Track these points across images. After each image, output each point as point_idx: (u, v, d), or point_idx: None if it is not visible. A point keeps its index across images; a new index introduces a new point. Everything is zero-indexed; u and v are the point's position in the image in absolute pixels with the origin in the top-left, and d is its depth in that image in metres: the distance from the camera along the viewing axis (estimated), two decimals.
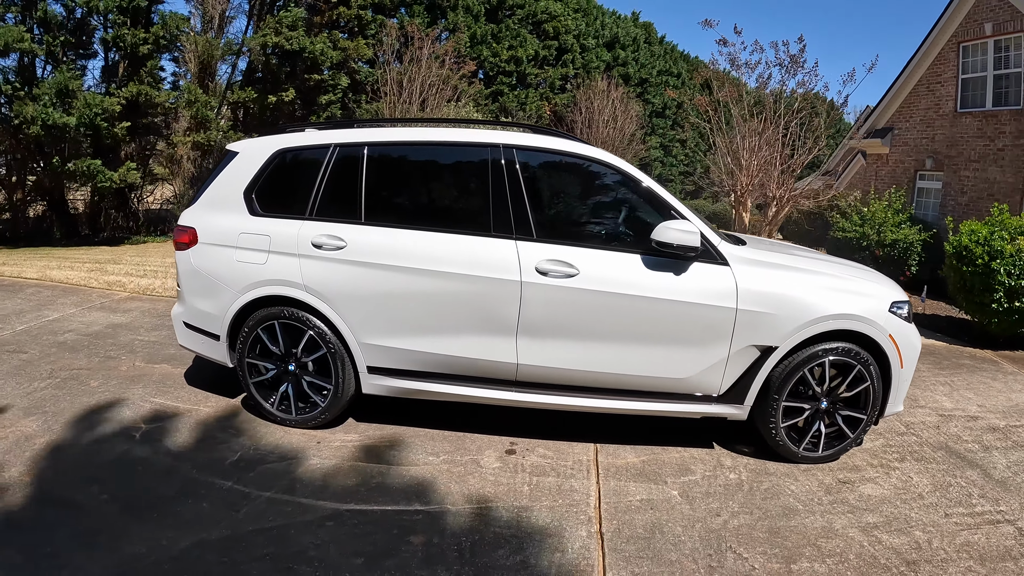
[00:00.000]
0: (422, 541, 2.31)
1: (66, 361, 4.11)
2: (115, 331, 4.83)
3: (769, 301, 2.83)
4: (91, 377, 3.84)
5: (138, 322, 5.13)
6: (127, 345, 4.50)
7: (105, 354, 4.28)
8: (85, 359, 4.16)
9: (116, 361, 4.17)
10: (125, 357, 4.25)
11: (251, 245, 3.15)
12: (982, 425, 4.05)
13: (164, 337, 4.70)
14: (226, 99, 12.07)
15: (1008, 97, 8.12)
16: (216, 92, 12.05)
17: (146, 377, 3.89)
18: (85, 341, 4.54)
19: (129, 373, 3.96)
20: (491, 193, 2.98)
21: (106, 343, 4.52)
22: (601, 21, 23.87)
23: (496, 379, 3.04)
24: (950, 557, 2.40)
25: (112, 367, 4.05)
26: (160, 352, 4.38)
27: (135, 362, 4.16)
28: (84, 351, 4.32)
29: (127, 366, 4.08)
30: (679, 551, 2.24)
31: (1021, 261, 5.79)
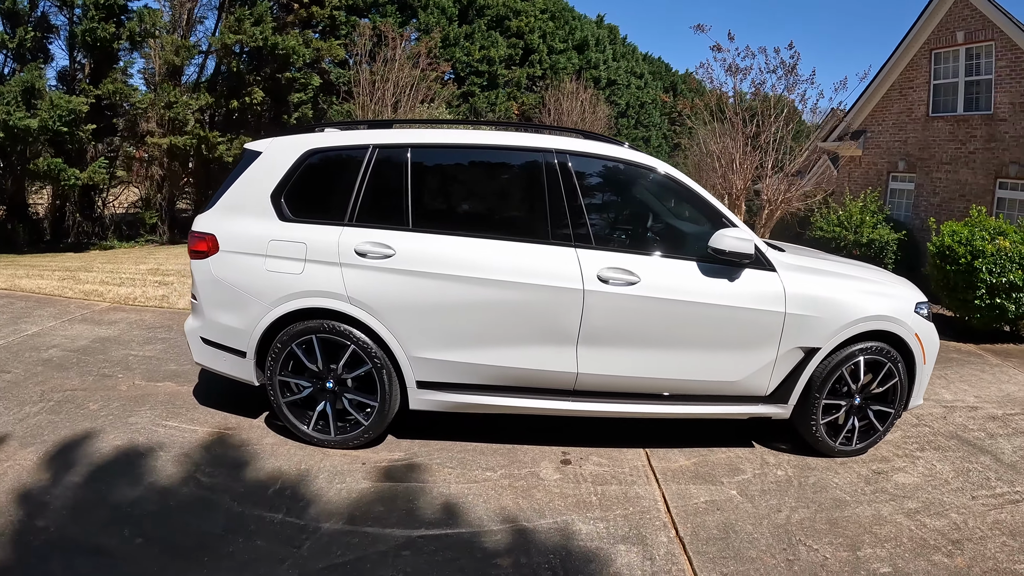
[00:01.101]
0: (511, 562, 2.31)
1: (56, 381, 3.89)
2: (104, 346, 4.66)
3: (814, 305, 3.14)
4: (88, 399, 3.63)
5: (127, 335, 4.99)
6: (121, 361, 4.32)
7: (99, 372, 4.10)
8: (77, 378, 3.96)
9: (113, 380, 3.97)
10: (122, 375, 4.07)
11: (284, 253, 3.03)
12: (982, 415, 4.50)
13: (160, 352, 4.58)
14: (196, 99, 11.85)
15: (979, 102, 8.87)
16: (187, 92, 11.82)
17: (151, 397, 3.71)
18: (73, 358, 4.36)
19: (131, 393, 3.77)
20: (548, 199, 3.01)
21: (97, 360, 4.34)
22: (570, 25, 24.52)
23: (552, 389, 3.08)
24: (986, 535, 2.75)
25: (110, 387, 3.85)
26: (160, 369, 4.22)
27: (134, 380, 3.99)
28: (74, 369, 4.13)
29: (126, 385, 3.90)
30: (756, 548, 2.49)
31: (1001, 260, 6.38)
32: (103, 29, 9.32)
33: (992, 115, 8.50)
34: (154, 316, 5.75)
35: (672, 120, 30.70)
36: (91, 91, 9.34)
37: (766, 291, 3.08)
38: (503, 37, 20.92)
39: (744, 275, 3.06)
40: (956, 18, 8.92)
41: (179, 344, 4.70)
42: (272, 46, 11.27)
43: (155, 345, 4.75)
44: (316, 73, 13.52)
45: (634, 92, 27.17)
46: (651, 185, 3.33)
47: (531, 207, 3.14)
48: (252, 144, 3.39)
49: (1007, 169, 8.36)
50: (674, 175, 3.19)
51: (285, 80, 12.38)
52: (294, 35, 12.09)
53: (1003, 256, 6.36)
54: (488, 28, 20.21)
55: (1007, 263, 6.34)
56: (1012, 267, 6.31)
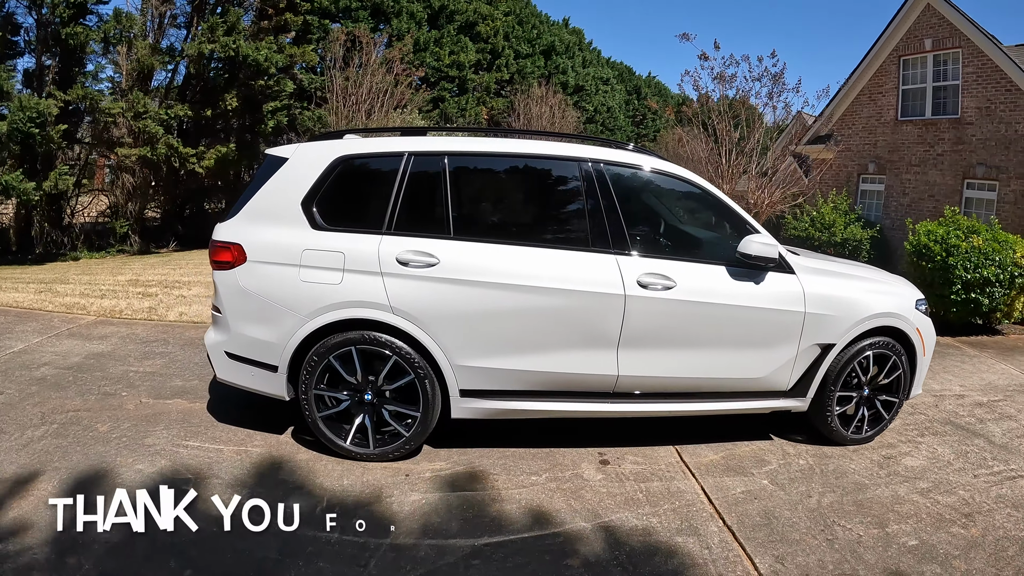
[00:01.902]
0: (580, 562, 2.43)
1: (56, 401, 3.76)
2: (100, 362, 4.56)
3: (829, 304, 3.47)
4: (96, 420, 3.51)
5: (122, 350, 4.91)
6: (122, 378, 4.22)
7: (100, 390, 3.99)
8: (78, 398, 3.84)
9: (117, 398, 3.87)
10: (127, 393, 3.97)
11: (320, 263, 3.02)
12: (969, 402, 4.95)
13: (162, 367, 4.52)
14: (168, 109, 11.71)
15: (946, 107, 9.58)
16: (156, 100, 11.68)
17: (163, 416, 3.61)
18: (69, 375, 4.24)
19: (140, 412, 3.66)
20: (587, 208, 3.17)
21: (95, 377, 4.23)
22: (537, 29, 25.04)
23: (593, 392, 3.25)
24: (992, 508, 3.11)
25: (116, 406, 3.74)
26: (165, 385, 4.14)
27: (140, 398, 3.90)
28: (73, 388, 4.01)
29: (133, 404, 3.80)
30: (797, 531, 2.77)
31: (976, 257, 6.96)
32: (73, 30, 9.15)
33: (959, 119, 9.20)
34: (146, 330, 5.73)
35: (637, 123, 31.62)
36: (59, 96, 9.15)
37: (788, 292, 3.39)
38: (472, 42, 21.26)
39: (768, 278, 3.36)
40: (924, 26, 9.63)
41: (180, 359, 4.69)
42: (245, 56, 11.23)
43: (154, 360, 4.70)
44: (289, 79, 13.52)
45: (601, 97, 27.92)
46: (680, 193, 3.60)
47: (570, 215, 3.30)
48: (275, 150, 3.39)
49: (974, 170, 9.05)
50: (703, 184, 3.46)
51: (259, 87, 12.34)
52: (268, 42, 12.08)
53: (977, 253, 6.93)
54: (457, 33, 20.52)
55: (981, 260, 6.91)
56: (986, 263, 6.89)
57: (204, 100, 12.08)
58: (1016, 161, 8.28)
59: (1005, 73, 8.35)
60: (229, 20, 11.55)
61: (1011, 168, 8.36)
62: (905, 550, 2.67)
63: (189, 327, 5.90)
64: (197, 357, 4.71)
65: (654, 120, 31.62)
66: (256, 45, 11.58)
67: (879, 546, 2.68)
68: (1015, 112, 8.25)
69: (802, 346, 3.47)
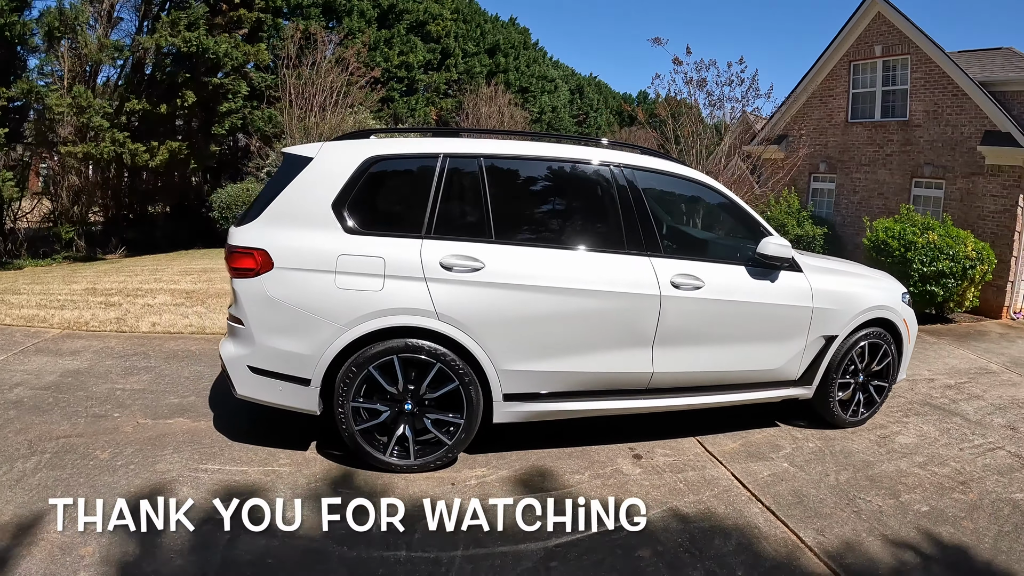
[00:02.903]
0: (650, 552, 2.61)
1: (41, 427, 3.51)
2: (79, 380, 4.33)
3: (833, 299, 3.89)
4: (92, 446, 3.28)
5: (101, 367, 4.70)
6: (109, 398, 4.02)
7: (88, 412, 3.76)
8: (66, 422, 3.61)
9: (109, 420, 3.65)
10: (119, 414, 3.76)
11: (358, 269, 2.98)
12: (939, 385, 5.58)
13: (150, 383, 4.34)
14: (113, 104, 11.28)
15: (895, 110, 10.51)
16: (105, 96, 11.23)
17: (168, 438, 3.44)
18: (48, 396, 4.01)
19: (140, 435, 3.47)
20: (621, 211, 3.33)
21: (78, 397, 4.00)
22: (482, 28, 25.47)
23: (629, 389, 3.46)
24: (982, 475, 3.61)
25: (111, 429, 3.53)
26: (160, 403, 3.97)
27: (137, 419, 3.70)
28: (56, 410, 3.76)
29: (130, 426, 3.60)
30: (827, 506, 3.13)
31: (931, 251, 7.74)
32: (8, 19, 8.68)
33: (908, 121, 10.12)
34: (120, 343, 5.56)
35: (580, 123, 32.55)
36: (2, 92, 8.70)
37: (799, 289, 3.79)
38: (422, 42, 21.42)
39: (781, 276, 3.74)
40: (875, 33, 10.53)
41: (168, 373, 4.58)
42: (203, 49, 10.98)
43: (140, 376, 4.50)
44: (242, 78, 13.28)
45: (546, 97, 28.64)
46: (703, 198, 3.93)
47: (605, 218, 3.43)
48: (296, 149, 3.34)
49: (922, 170, 9.98)
50: (721, 189, 3.81)
51: (214, 85, 12.05)
52: (224, 38, 11.85)
53: (932, 248, 7.72)
54: (407, 32, 20.62)
55: (936, 254, 7.70)
56: (940, 257, 7.68)
57: (160, 97, 11.71)
58: (962, 161, 9.23)
59: (952, 79, 9.28)
60: (194, 15, 11.27)
61: (957, 168, 9.30)
62: (920, 515, 3.10)
63: (166, 338, 5.79)
64: (186, 371, 4.66)
65: (596, 119, 32.70)
66: (216, 40, 11.34)
67: (898, 513, 3.10)
68: (961, 115, 9.20)
69: (810, 338, 3.88)
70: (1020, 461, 3.86)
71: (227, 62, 11.83)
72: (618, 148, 3.68)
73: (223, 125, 12.75)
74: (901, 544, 2.83)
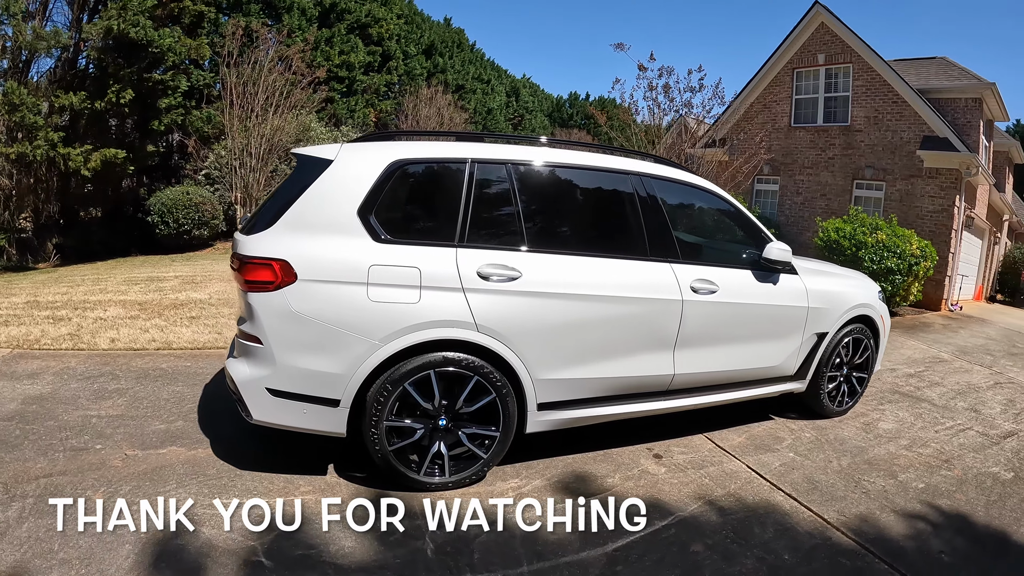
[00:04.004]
0: (703, 546, 2.80)
1: (14, 466, 3.17)
2: (46, 408, 4.01)
3: (825, 298, 4.33)
4: (80, 485, 3.00)
5: (66, 391, 4.39)
6: (85, 427, 3.73)
7: (65, 445, 3.46)
8: (42, 458, 3.28)
9: (92, 454, 3.36)
10: (101, 445, 3.49)
11: (392, 280, 2.92)
12: (902, 374, 6.23)
13: (127, 408, 4.07)
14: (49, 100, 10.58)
15: (836, 115, 11.49)
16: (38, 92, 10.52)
17: (165, 471, 3.20)
18: (14, 429, 3.68)
19: (132, 469, 3.20)
20: (643, 219, 3.52)
21: (48, 428, 3.69)
22: (422, 29, 25.70)
23: (652, 392, 3.64)
24: (960, 454, 4.14)
25: (97, 464, 3.24)
26: (145, 430, 3.72)
27: (124, 450, 3.44)
28: (28, 445, 3.44)
29: (118, 459, 3.33)
30: (838, 489, 3.50)
31: (879, 250, 8.56)
32: None
33: (850, 126, 11.10)
34: (81, 362, 5.25)
35: (515, 125, 33.28)
36: None
37: (796, 290, 4.20)
38: (363, 43, 21.32)
39: (781, 279, 4.13)
40: (818, 42, 11.48)
41: (144, 396, 4.35)
42: (150, 42, 10.48)
43: (113, 400, 4.23)
44: (182, 73, 12.79)
45: (480, 98, 29.13)
46: (710, 205, 4.23)
47: (629, 225, 3.57)
48: (311, 151, 3.23)
49: (863, 172, 10.97)
50: (727, 197, 4.14)
51: (153, 81, 11.53)
52: (167, 31, 11.39)
53: (881, 247, 8.54)
54: (348, 33, 20.47)
55: (884, 252, 8.52)
56: (888, 255, 8.51)
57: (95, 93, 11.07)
58: (901, 164, 10.22)
59: (892, 87, 10.28)
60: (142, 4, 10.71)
61: (896, 170, 10.30)
62: (919, 491, 3.54)
63: (131, 356, 5.54)
64: (164, 392, 4.45)
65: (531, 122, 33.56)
66: (160, 32, 10.86)
67: (900, 491, 3.53)
68: (900, 121, 10.20)
69: (805, 335, 4.30)
70: (989, 439, 4.44)
71: (170, 56, 11.35)
72: (634, 157, 3.91)
73: (162, 122, 12.24)
74: (910, 517, 3.24)
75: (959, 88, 9.62)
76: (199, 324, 6.50)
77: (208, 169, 13.39)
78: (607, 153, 3.88)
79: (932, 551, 2.95)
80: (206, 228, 12.60)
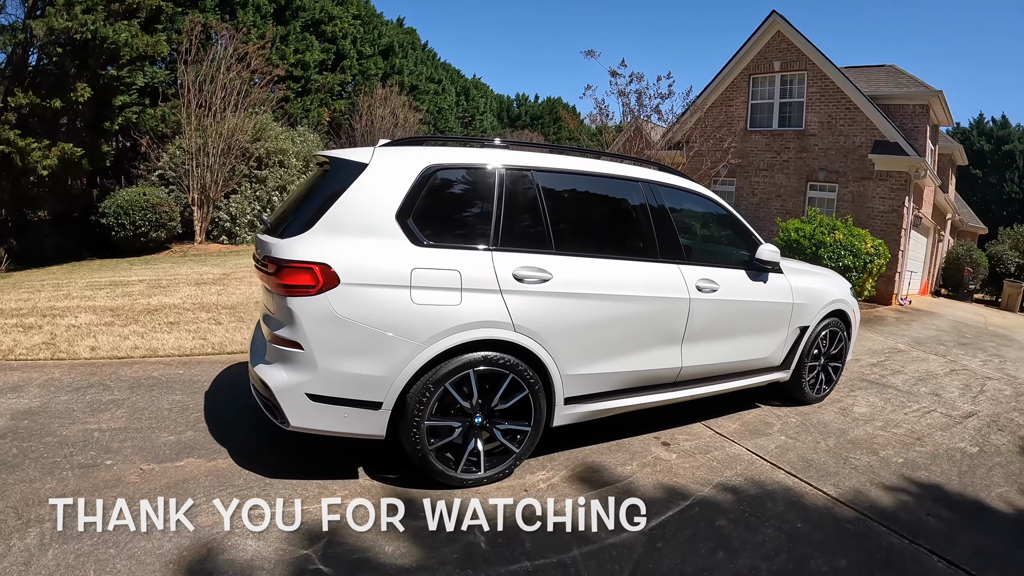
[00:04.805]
0: (727, 521, 3.12)
1: (21, 488, 3.01)
2: (40, 423, 3.83)
3: (807, 295, 4.78)
4: (96, 504, 2.87)
5: (57, 404, 4.25)
6: (88, 441, 3.59)
7: (72, 462, 3.32)
8: (50, 478, 3.13)
9: (104, 470, 3.24)
10: (111, 461, 3.35)
11: (435, 283, 3.04)
12: (867, 363, 6.82)
13: (128, 420, 3.96)
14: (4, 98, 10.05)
15: (791, 120, 12.26)
16: None
17: (189, 484, 3.14)
18: (10, 448, 3.51)
19: (152, 483, 3.12)
20: (654, 223, 3.83)
21: (48, 445, 3.51)
22: (378, 30, 25.74)
23: (661, 384, 3.94)
24: (930, 433, 4.65)
25: (112, 480, 3.12)
26: (154, 442, 3.62)
27: (138, 465, 3.33)
28: (30, 464, 3.27)
29: (134, 474, 3.21)
30: (830, 466, 3.91)
31: (838, 249, 9.25)
32: None
33: (804, 131, 11.88)
34: (65, 373, 5.00)
35: (465, 124, 33.68)
36: None
37: (783, 288, 4.62)
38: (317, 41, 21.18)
39: (771, 278, 4.55)
40: (774, 50, 12.22)
41: (143, 406, 4.26)
42: (103, 38, 10.13)
43: (111, 412, 4.12)
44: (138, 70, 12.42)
45: (432, 98, 29.41)
46: (707, 210, 4.57)
47: (642, 229, 3.89)
48: (344, 153, 3.33)
49: (817, 174, 11.75)
50: (722, 202, 4.52)
51: (109, 78, 11.14)
52: (123, 26, 11.03)
53: (839, 245, 9.24)
54: (303, 31, 20.29)
55: (842, 251, 9.22)
56: (845, 254, 9.21)
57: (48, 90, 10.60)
58: (853, 167, 11.03)
59: (845, 93, 11.07)
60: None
61: (849, 172, 11.10)
62: (900, 466, 4.00)
63: (118, 364, 5.43)
64: (163, 402, 4.38)
65: (482, 122, 34.05)
66: (114, 27, 10.49)
67: (883, 466, 3.98)
68: (852, 126, 11.00)
69: (790, 329, 4.74)
70: (952, 420, 5.00)
71: (127, 52, 11.00)
72: (641, 165, 4.25)
73: (116, 121, 11.85)
74: (896, 488, 3.68)
75: (908, 95, 10.53)
76: (180, 330, 6.46)
77: (162, 169, 13.03)
78: (616, 161, 4.19)
79: (920, 515, 3.38)
80: (163, 230, 12.29)
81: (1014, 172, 36.98)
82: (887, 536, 3.13)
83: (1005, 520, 3.46)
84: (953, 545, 3.10)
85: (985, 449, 4.42)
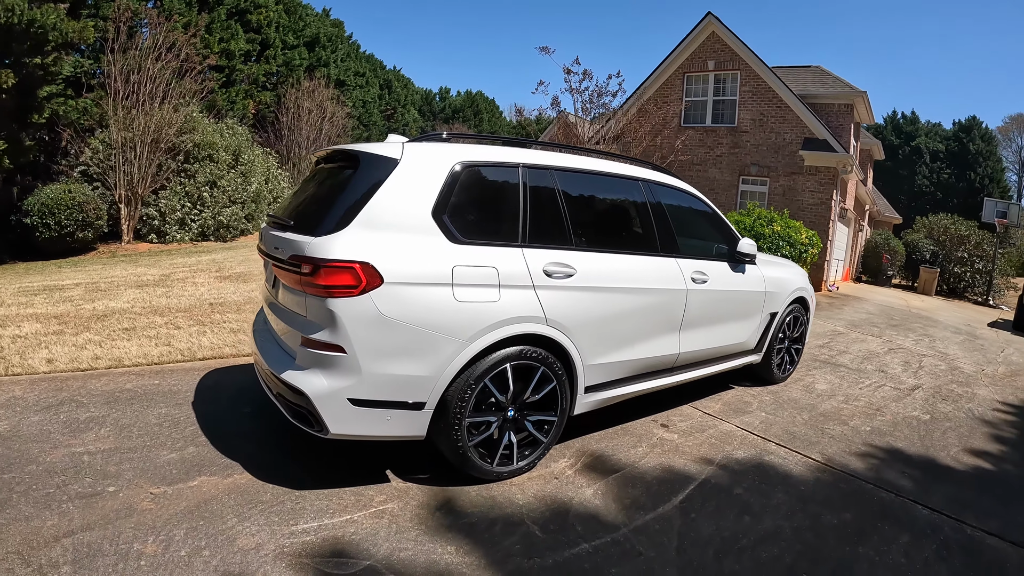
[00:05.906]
0: (743, 490, 3.49)
1: (18, 527, 2.69)
2: (16, 449, 3.44)
3: (776, 284, 5.30)
4: (120, 539, 2.61)
5: (30, 427, 3.81)
6: (79, 467, 3.25)
7: (69, 492, 2.97)
8: (48, 512, 2.81)
9: (110, 498, 2.95)
10: (114, 487, 3.05)
11: (475, 280, 3.11)
12: (814, 345, 7.53)
13: (118, 440, 3.64)
14: None
15: (724, 117, 13.09)
16: None
17: (212, 504, 2.94)
18: None
19: (171, 509, 2.88)
20: (654, 220, 4.18)
21: (35, 474, 3.15)
22: (304, 20, 25.11)
23: (662, 369, 4.26)
24: (885, 405, 5.29)
25: (123, 510, 2.85)
26: (155, 462, 3.35)
27: (147, 489, 3.05)
28: (21, 498, 2.91)
29: (146, 500, 2.94)
30: (810, 437, 4.39)
31: (776, 240, 10.05)
32: None
33: (736, 127, 12.72)
34: (27, 390, 4.48)
35: (388, 117, 33.51)
36: None
37: (757, 278, 5.10)
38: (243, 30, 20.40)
39: (748, 269, 5.03)
40: (708, 50, 12.99)
41: (129, 423, 3.94)
42: (30, 20, 9.30)
43: (95, 432, 3.76)
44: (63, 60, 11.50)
45: (358, 92, 29.09)
46: (693, 206, 4.93)
47: (643, 226, 4.22)
48: (374, 148, 3.30)
49: (749, 169, 12.63)
50: (706, 200, 4.91)
51: (33, 66, 10.24)
52: (50, 8, 10.17)
53: (777, 237, 10.04)
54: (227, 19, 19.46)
55: (779, 242, 10.02)
56: (782, 245, 10.02)
57: None
58: (784, 162, 11.94)
59: (776, 93, 11.95)
60: None
61: (779, 167, 12.01)
62: (868, 433, 4.55)
63: (84, 377, 4.92)
64: (150, 417, 4.05)
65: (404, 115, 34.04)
66: (42, 9, 9.67)
67: (855, 434, 4.52)
68: (783, 124, 11.91)
69: (763, 315, 5.24)
70: (901, 392, 5.68)
71: (56, 37, 10.17)
72: (640, 166, 4.58)
73: (44, 113, 10.96)
74: (869, 453, 4.20)
75: (835, 95, 11.55)
76: (139, 336, 6.18)
77: (85, 165, 12.18)
78: (617, 160, 4.51)
79: (896, 473, 3.91)
80: (90, 230, 11.52)
81: (923, 166, 41.17)
82: (876, 492, 3.62)
83: (967, 474, 4.05)
84: (931, 496, 3.62)
85: (936, 416, 5.09)
